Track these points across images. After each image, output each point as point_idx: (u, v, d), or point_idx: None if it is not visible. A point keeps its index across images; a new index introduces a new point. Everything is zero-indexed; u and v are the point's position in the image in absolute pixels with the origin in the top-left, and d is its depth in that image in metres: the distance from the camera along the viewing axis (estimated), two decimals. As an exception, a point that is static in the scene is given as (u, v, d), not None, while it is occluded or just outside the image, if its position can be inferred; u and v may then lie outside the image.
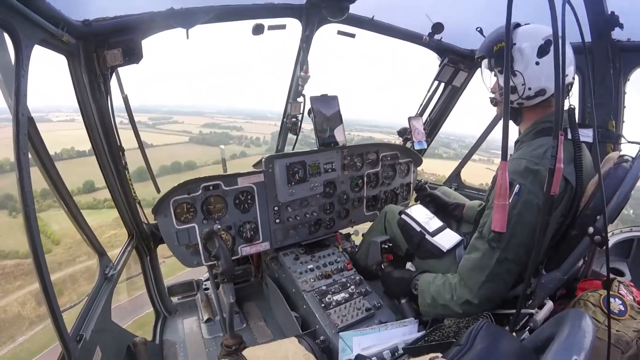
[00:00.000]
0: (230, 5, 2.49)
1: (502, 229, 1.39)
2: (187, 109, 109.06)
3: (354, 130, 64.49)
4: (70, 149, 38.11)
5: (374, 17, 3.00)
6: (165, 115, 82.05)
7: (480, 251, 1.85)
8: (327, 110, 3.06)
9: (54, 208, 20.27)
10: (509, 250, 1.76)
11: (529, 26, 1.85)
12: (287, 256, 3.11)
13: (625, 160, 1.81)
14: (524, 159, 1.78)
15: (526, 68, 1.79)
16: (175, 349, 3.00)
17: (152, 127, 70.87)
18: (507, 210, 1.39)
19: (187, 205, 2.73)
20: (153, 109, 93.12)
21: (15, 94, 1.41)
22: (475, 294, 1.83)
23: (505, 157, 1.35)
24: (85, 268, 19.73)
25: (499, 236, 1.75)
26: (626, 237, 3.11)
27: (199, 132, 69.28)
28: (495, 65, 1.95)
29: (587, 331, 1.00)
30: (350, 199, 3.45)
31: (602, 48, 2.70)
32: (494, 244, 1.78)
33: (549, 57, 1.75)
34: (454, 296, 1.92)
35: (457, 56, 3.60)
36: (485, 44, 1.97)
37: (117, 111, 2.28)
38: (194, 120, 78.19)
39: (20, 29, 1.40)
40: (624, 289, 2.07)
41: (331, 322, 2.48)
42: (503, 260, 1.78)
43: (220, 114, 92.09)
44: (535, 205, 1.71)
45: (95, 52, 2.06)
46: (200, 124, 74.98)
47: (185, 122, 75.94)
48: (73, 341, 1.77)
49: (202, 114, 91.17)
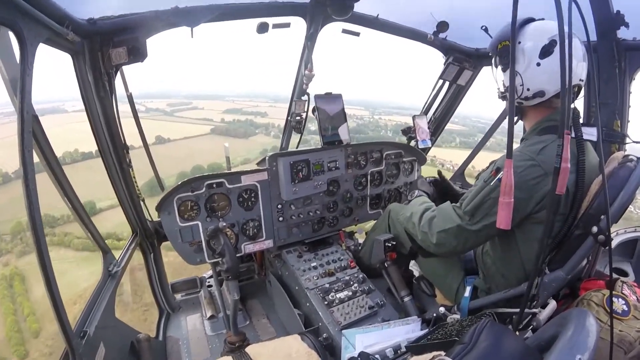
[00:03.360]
0: (234, 4, 2.49)
1: (507, 226, 1.41)
2: (207, 93, 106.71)
3: (383, 114, 63.11)
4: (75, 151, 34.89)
5: (378, 15, 3.00)
6: (185, 100, 79.80)
7: (452, 213, 1.98)
8: (332, 109, 3.06)
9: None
10: (476, 225, 1.88)
11: (538, 23, 1.82)
12: (290, 254, 3.12)
13: (630, 160, 1.79)
14: (520, 152, 1.79)
15: (526, 69, 1.78)
16: (178, 345, 3.02)
17: (170, 114, 68.04)
18: (512, 207, 1.40)
19: (191, 202, 2.74)
20: (172, 94, 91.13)
21: (20, 92, 1.42)
22: (434, 233, 2.02)
23: (510, 155, 1.35)
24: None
25: (472, 212, 1.88)
26: (630, 237, 3.10)
27: (221, 119, 66.08)
28: (498, 63, 1.95)
29: (591, 330, 1.00)
30: (353, 198, 3.45)
31: (607, 47, 2.68)
32: (467, 217, 1.91)
33: (551, 59, 1.72)
34: (423, 222, 2.11)
35: (461, 55, 3.59)
36: (493, 40, 1.98)
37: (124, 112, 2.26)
38: (214, 105, 75.59)
39: (25, 28, 1.40)
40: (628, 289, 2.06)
41: (334, 319, 2.49)
42: (465, 230, 1.91)
43: (241, 98, 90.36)
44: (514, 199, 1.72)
45: (100, 51, 2.06)
46: (222, 110, 72.20)
47: (205, 107, 73.34)
48: (77, 337, 1.79)
49: (223, 98, 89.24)
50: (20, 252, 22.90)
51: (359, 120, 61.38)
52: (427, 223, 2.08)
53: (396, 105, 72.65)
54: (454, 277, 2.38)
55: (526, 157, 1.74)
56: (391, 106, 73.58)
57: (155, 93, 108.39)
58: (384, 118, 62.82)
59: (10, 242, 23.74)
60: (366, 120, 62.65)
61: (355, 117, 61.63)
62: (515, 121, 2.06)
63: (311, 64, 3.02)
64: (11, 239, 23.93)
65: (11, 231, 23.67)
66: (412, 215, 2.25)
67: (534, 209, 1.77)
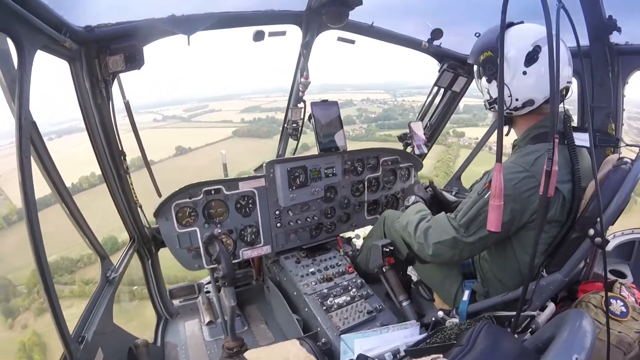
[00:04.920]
0: (230, 12, 2.53)
1: (497, 228, 1.41)
2: (221, 94, 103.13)
3: (404, 95, 58.27)
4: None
5: (373, 23, 3.03)
6: (201, 104, 77.69)
7: (448, 224, 1.98)
8: (328, 116, 3.08)
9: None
10: (471, 238, 1.89)
11: (517, 28, 1.80)
12: (288, 259, 3.12)
13: (624, 162, 1.80)
14: (515, 163, 1.79)
15: (512, 79, 1.76)
16: (176, 351, 3.01)
17: (188, 120, 65.94)
18: (502, 210, 1.40)
19: (189, 209, 2.74)
20: (187, 100, 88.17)
21: (18, 98, 1.43)
22: (429, 245, 2.04)
23: (500, 159, 1.36)
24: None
25: (467, 225, 1.88)
26: (628, 240, 3.11)
27: (241, 119, 62.67)
28: (483, 74, 1.92)
29: (587, 331, 1.00)
30: (351, 204, 3.46)
31: (600, 51, 2.72)
32: (462, 229, 1.91)
33: (537, 65, 1.72)
34: (418, 233, 2.13)
35: (456, 62, 3.63)
36: (473, 51, 1.95)
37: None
38: (231, 105, 73.00)
39: (23, 34, 1.42)
40: (626, 290, 2.07)
41: (333, 324, 2.48)
42: (460, 242, 1.92)
43: (257, 94, 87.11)
44: (509, 209, 1.73)
45: (97, 58, 2.08)
46: (240, 109, 69.31)
47: (222, 108, 71.00)
48: (75, 342, 1.78)
49: (238, 97, 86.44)
50: (38, 310, 17.54)
51: (383, 104, 57.07)
52: (422, 234, 2.10)
53: (414, 85, 67.82)
54: (452, 281, 2.38)
55: (520, 169, 1.75)
56: (409, 86, 69.79)
57: (169, 100, 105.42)
58: (407, 100, 56.74)
59: (27, 296, 18.65)
60: (390, 104, 57.73)
61: (379, 102, 57.88)
62: (506, 132, 2.08)
63: (307, 72, 3.04)
64: (28, 291, 18.62)
65: (27, 282, 18.79)
66: (407, 225, 2.27)
67: (530, 218, 1.78)
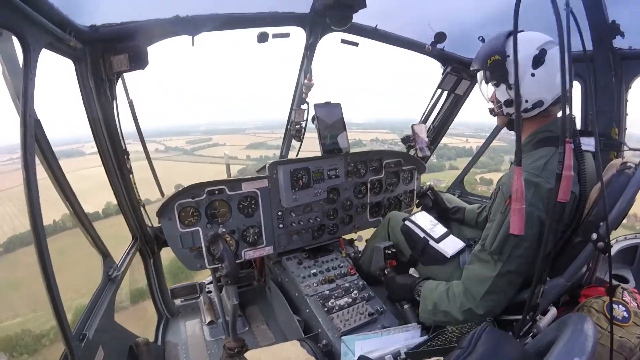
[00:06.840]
0: (235, 14, 2.53)
1: (521, 231, 1.41)
2: (225, 127, 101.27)
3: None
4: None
5: (377, 26, 3.04)
6: (204, 137, 75.84)
7: (482, 262, 1.87)
8: (331, 117, 3.08)
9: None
10: (510, 262, 1.78)
11: (521, 35, 1.80)
12: (290, 260, 3.12)
13: (628, 167, 1.80)
14: (525, 171, 1.76)
15: (522, 81, 1.76)
16: (177, 350, 3.01)
17: (191, 153, 62.68)
18: (524, 213, 1.40)
19: (192, 209, 2.75)
20: (189, 130, 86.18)
21: (23, 96, 1.44)
22: (478, 304, 1.85)
23: (519, 162, 1.36)
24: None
25: (500, 249, 1.78)
26: (630, 244, 3.10)
27: (247, 156, 57.98)
28: (490, 79, 1.91)
29: (588, 334, 1.00)
30: (353, 205, 3.46)
31: (603, 56, 2.72)
32: (495, 256, 1.81)
33: (544, 67, 1.74)
34: (457, 303, 1.93)
35: (459, 65, 3.63)
36: (479, 56, 1.94)
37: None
38: (235, 139, 71.50)
39: (28, 33, 1.42)
40: (628, 295, 2.07)
41: (334, 326, 2.48)
42: (505, 273, 1.79)
43: (262, 130, 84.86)
44: (536, 218, 1.70)
45: (101, 57, 2.09)
46: (244, 145, 66.49)
47: (226, 142, 69.30)
48: (76, 340, 1.79)
49: (242, 131, 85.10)
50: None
51: (393, 145, 48.61)
52: (463, 301, 1.91)
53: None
54: None
55: (533, 175, 1.74)
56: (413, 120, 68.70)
57: (171, 130, 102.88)
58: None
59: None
60: (401, 145, 54.48)
61: (389, 142, 46.83)
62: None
63: (310, 73, 3.05)
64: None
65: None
66: (436, 307, 2.04)
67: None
